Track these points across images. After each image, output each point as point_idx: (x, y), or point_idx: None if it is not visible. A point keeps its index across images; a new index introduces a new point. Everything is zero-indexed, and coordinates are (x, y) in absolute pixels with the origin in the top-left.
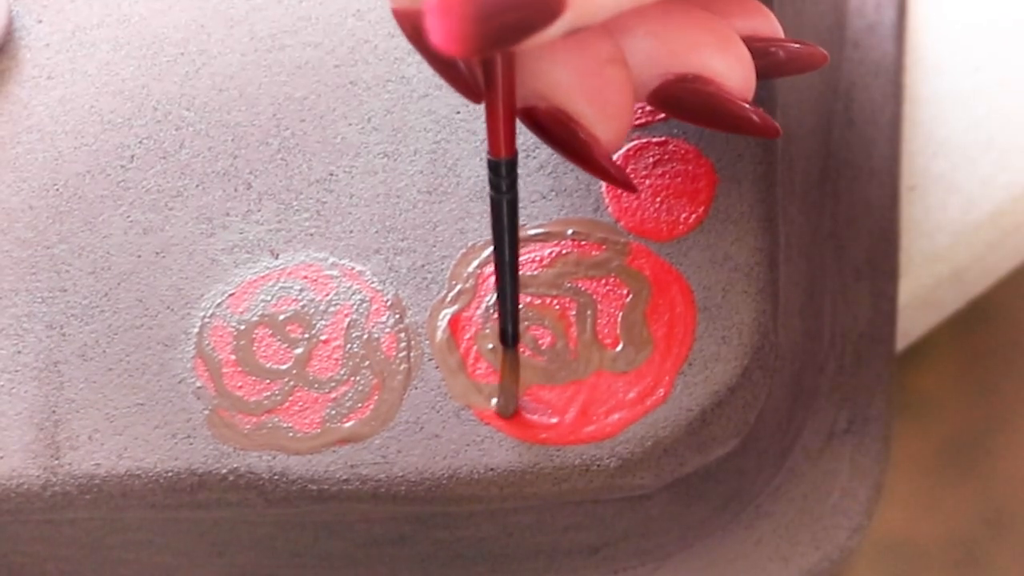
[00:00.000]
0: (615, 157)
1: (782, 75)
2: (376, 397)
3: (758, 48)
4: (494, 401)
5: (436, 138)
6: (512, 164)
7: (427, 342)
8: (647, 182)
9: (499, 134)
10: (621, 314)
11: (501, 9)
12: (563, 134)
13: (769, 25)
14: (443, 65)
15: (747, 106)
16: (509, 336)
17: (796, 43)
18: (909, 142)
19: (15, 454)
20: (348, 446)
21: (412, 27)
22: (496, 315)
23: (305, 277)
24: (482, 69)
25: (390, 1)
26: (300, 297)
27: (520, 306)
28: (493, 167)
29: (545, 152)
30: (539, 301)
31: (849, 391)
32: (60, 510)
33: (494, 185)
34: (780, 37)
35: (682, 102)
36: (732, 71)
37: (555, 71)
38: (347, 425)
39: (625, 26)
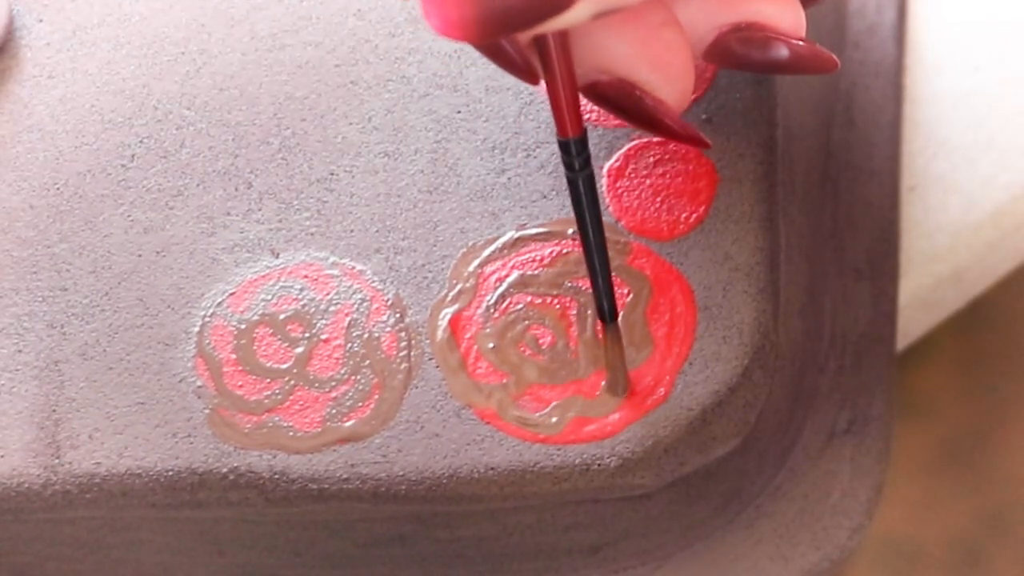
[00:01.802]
0: (613, 160)
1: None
2: (376, 396)
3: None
4: (603, 384)
5: (437, 138)
6: (582, 142)
7: (427, 341)
8: (647, 182)
9: (564, 114)
10: (622, 313)
11: None
12: (629, 103)
13: None
14: (493, 51)
15: (803, 44)
16: (607, 312)
17: None
18: (909, 142)
19: (15, 453)
20: (348, 445)
21: None
22: (496, 314)
23: (306, 276)
24: (537, 52)
25: None
26: (301, 296)
27: (607, 280)
28: (563, 147)
29: (545, 152)
30: (539, 300)
31: (849, 391)
32: (60, 509)
33: (567, 165)
34: None
35: (739, 52)
36: (783, 13)
37: (613, 43)
38: (347, 424)
39: None
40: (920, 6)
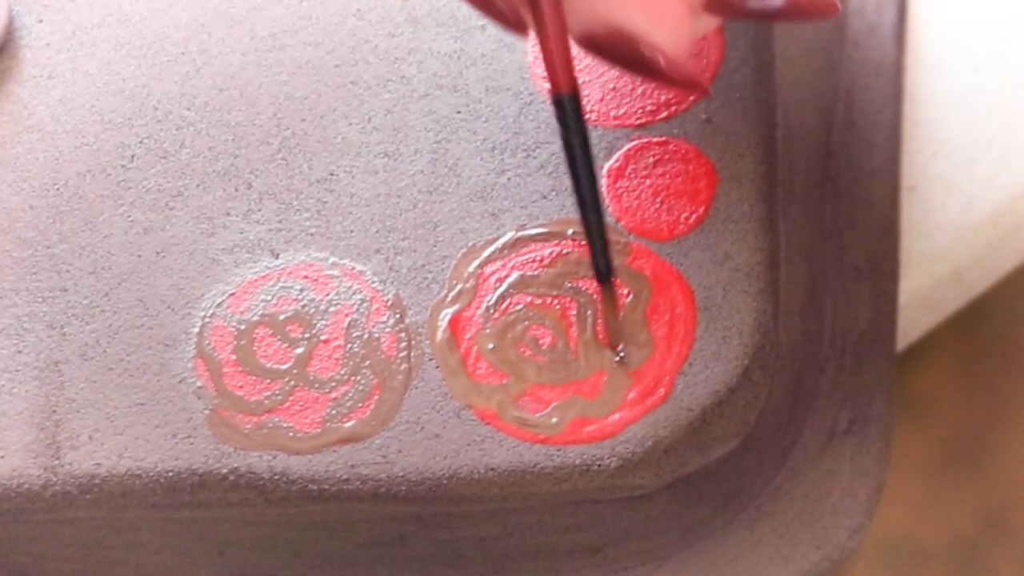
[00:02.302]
0: (613, 160)
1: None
2: (376, 397)
3: None
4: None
5: (436, 138)
6: (575, 99)
7: (428, 342)
8: (647, 182)
9: (556, 68)
10: (622, 314)
11: None
12: (626, 52)
13: None
14: (481, 1)
15: None
16: (603, 271)
17: None
18: (909, 142)
19: (16, 454)
20: (348, 446)
21: None
22: (496, 315)
23: (305, 277)
24: (527, 4)
25: None
26: (300, 297)
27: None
28: (557, 104)
29: (545, 152)
30: (540, 301)
31: (849, 391)
32: (60, 510)
33: (562, 123)
34: None
35: (737, 1)
36: None
37: None
38: (347, 425)
39: None
40: (920, 6)
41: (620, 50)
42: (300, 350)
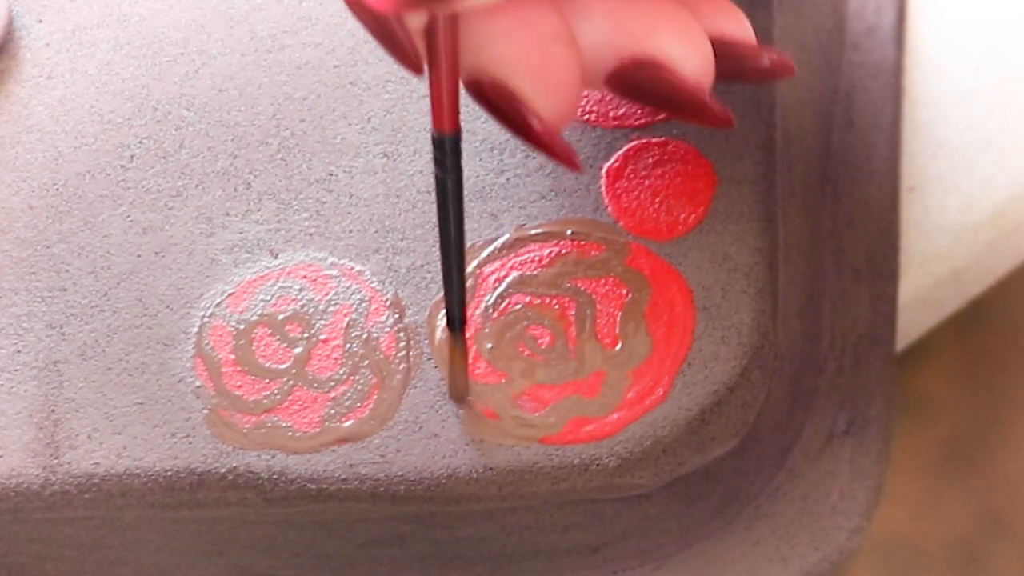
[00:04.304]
0: (612, 160)
1: (746, 81)
2: (375, 396)
3: (724, 51)
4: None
5: None
6: (456, 141)
7: (426, 341)
8: (646, 183)
9: (442, 107)
10: (620, 314)
11: None
12: (507, 109)
13: (740, 28)
14: (383, 34)
15: (703, 93)
16: (455, 319)
17: (765, 51)
18: (909, 143)
19: (14, 453)
20: (347, 445)
21: None
22: (495, 315)
23: (304, 277)
24: (425, 41)
25: None
26: (299, 297)
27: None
28: (437, 144)
29: None
30: (538, 301)
31: (849, 392)
32: (59, 509)
33: (439, 163)
34: (749, 42)
35: (638, 86)
36: (689, 59)
37: (498, 46)
38: (346, 424)
39: (583, 8)
40: (920, 6)
41: (501, 105)
42: (299, 350)
